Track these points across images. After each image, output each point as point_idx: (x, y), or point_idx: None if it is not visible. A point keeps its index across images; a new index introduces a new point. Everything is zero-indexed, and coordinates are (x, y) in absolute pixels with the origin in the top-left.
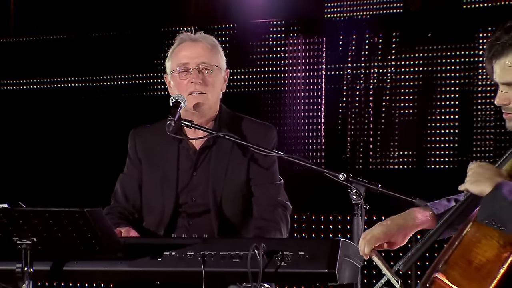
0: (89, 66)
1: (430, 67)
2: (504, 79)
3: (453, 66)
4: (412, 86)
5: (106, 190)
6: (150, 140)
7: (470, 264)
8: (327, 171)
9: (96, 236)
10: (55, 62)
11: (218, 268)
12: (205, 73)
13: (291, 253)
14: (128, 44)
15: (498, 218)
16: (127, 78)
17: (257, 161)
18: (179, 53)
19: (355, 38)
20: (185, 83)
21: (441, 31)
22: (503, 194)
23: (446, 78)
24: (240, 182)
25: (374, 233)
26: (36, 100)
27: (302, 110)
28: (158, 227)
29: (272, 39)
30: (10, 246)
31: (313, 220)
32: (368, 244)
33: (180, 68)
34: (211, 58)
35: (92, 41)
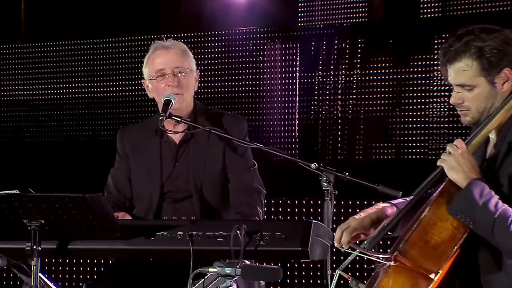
0: (89, 67)
1: (391, 69)
2: (458, 81)
3: (412, 68)
4: (375, 86)
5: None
6: (135, 137)
7: (427, 243)
8: (300, 161)
9: (96, 218)
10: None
11: (204, 246)
12: (179, 76)
13: (269, 233)
14: (124, 50)
15: (469, 216)
16: (124, 79)
17: (231, 149)
18: (155, 60)
19: (325, 44)
20: (163, 87)
21: (401, 38)
22: (473, 195)
23: (406, 79)
24: (218, 169)
25: (351, 224)
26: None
27: (279, 107)
28: (147, 213)
29: (252, 44)
30: (21, 227)
31: (288, 204)
32: (346, 234)
33: (156, 73)
34: (183, 62)
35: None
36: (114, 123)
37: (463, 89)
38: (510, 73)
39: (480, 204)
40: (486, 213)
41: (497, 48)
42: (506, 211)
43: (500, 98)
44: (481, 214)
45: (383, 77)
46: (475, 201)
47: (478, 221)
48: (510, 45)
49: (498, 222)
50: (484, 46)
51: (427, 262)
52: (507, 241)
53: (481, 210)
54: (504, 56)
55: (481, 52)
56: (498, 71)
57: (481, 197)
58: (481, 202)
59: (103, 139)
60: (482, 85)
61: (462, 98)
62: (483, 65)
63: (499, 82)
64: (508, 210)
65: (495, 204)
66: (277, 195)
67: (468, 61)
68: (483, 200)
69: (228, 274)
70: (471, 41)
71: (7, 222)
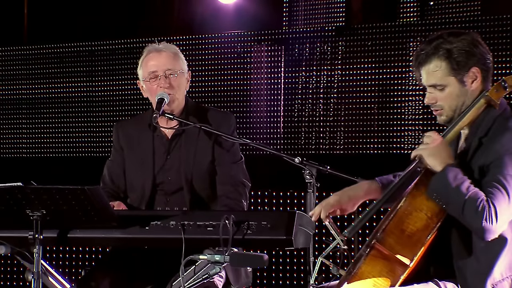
0: (89, 70)
1: (370, 70)
2: (429, 82)
3: (389, 69)
4: (355, 86)
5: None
6: (130, 131)
7: (403, 232)
8: (285, 156)
9: (94, 209)
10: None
11: (195, 235)
12: (171, 77)
13: (256, 223)
14: (121, 53)
15: (443, 197)
16: (121, 79)
17: (220, 144)
18: (148, 62)
19: (308, 46)
20: (155, 88)
21: (379, 41)
22: (448, 178)
23: (383, 79)
24: (207, 162)
25: (329, 201)
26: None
27: (265, 105)
28: (140, 203)
29: (240, 46)
30: (23, 217)
31: (274, 195)
32: (324, 210)
33: (149, 75)
34: (175, 65)
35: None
36: (111, 120)
37: (435, 90)
38: (477, 71)
39: (453, 186)
40: (458, 195)
41: (464, 49)
42: (476, 194)
43: (471, 95)
44: (453, 195)
45: (362, 77)
46: (449, 184)
47: (450, 202)
48: (477, 46)
49: (468, 203)
50: (452, 48)
51: (403, 250)
52: (475, 221)
53: (454, 192)
54: (471, 56)
55: (449, 53)
56: (466, 70)
57: (454, 180)
58: (454, 184)
59: (101, 135)
60: (453, 84)
61: (435, 98)
62: (452, 65)
63: (468, 80)
64: (478, 192)
65: (467, 187)
66: (263, 187)
67: (437, 62)
68: (456, 183)
69: (218, 261)
70: (440, 44)
71: (10, 212)
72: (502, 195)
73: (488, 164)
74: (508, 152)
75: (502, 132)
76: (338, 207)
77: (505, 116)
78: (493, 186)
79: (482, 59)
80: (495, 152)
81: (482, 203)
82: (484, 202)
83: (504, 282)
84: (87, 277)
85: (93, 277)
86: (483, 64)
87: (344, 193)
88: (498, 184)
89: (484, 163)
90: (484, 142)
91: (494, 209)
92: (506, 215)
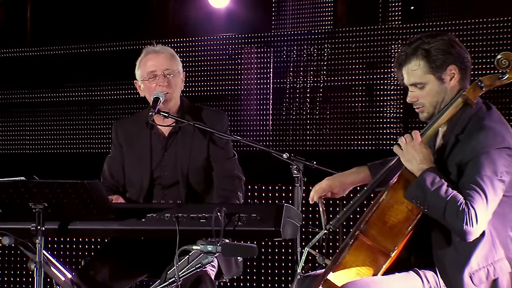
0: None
1: (354, 71)
2: (410, 81)
3: (372, 70)
4: (340, 86)
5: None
6: (128, 128)
7: (385, 224)
8: (274, 152)
9: (94, 202)
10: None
11: (189, 227)
12: (168, 77)
13: (246, 215)
14: (121, 55)
15: (422, 202)
16: (120, 79)
17: (214, 141)
18: (147, 63)
19: (295, 49)
20: (154, 86)
21: (362, 44)
22: (426, 184)
23: (367, 79)
24: (202, 158)
25: (322, 185)
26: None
27: (255, 104)
28: (138, 196)
29: (231, 49)
30: (26, 210)
31: (263, 189)
32: (316, 193)
33: (148, 75)
34: (172, 65)
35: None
36: (110, 118)
37: (416, 88)
38: (455, 69)
39: (432, 191)
40: (438, 199)
41: (441, 48)
42: (455, 197)
43: (450, 92)
44: (433, 200)
45: (346, 77)
46: (427, 189)
47: (431, 206)
48: (453, 46)
49: (448, 207)
50: (429, 48)
51: (385, 240)
52: (457, 224)
53: (433, 196)
54: (448, 54)
55: (428, 53)
56: (444, 68)
57: (432, 185)
58: (433, 189)
59: (100, 132)
60: (432, 82)
61: (417, 96)
62: (430, 64)
63: (446, 78)
64: (457, 196)
65: (445, 191)
66: (253, 181)
67: (417, 62)
68: (435, 187)
69: (210, 251)
70: (418, 45)
71: (14, 205)
72: (480, 197)
73: (466, 162)
74: (484, 151)
75: (478, 131)
76: (329, 191)
77: (480, 115)
78: (471, 188)
79: (459, 57)
80: (472, 150)
81: (461, 206)
82: (464, 205)
83: (481, 272)
84: (87, 266)
85: (92, 266)
86: (460, 63)
87: (336, 178)
88: (475, 185)
89: (461, 160)
90: (461, 139)
91: (474, 212)
92: (484, 216)
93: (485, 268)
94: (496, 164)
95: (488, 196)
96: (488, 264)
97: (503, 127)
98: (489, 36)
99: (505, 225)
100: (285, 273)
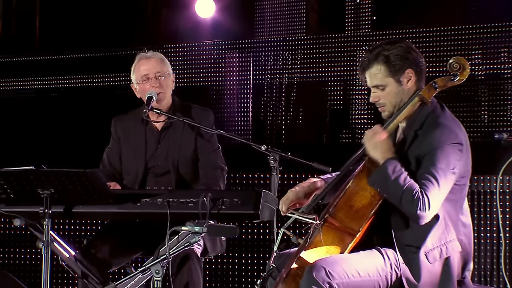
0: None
1: (324, 73)
2: (372, 83)
3: (340, 73)
4: (311, 86)
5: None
6: (126, 123)
7: (351, 208)
8: (253, 144)
9: (94, 188)
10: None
11: (178, 210)
12: (160, 79)
13: (229, 200)
14: (119, 60)
15: (383, 188)
16: (119, 81)
17: (201, 135)
18: (140, 67)
19: (273, 53)
20: (148, 88)
21: (331, 49)
22: (387, 171)
23: (335, 81)
24: (190, 150)
25: (289, 197)
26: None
27: (237, 103)
28: (134, 184)
29: (216, 53)
30: (35, 195)
31: (244, 177)
32: (284, 205)
33: (142, 78)
34: (162, 68)
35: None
36: (109, 115)
37: (378, 89)
38: (411, 72)
39: (392, 178)
40: (397, 186)
41: (399, 54)
42: (411, 185)
43: (407, 93)
44: (392, 187)
45: (318, 79)
46: (388, 176)
47: (390, 192)
48: (410, 52)
49: (405, 194)
50: (389, 54)
51: (351, 223)
52: (412, 209)
53: (392, 184)
54: (405, 60)
55: (387, 58)
56: (402, 72)
57: (393, 173)
58: (393, 177)
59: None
60: (391, 84)
61: (378, 97)
62: (389, 68)
63: (404, 80)
64: (413, 184)
65: (404, 179)
66: (235, 170)
67: (378, 66)
68: (395, 175)
69: (197, 232)
70: (379, 52)
71: (24, 191)
72: (433, 186)
73: (423, 155)
74: (439, 146)
75: (434, 128)
76: (296, 201)
77: (436, 113)
78: (426, 178)
79: (415, 62)
80: (428, 145)
81: (417, 194)
82: (419, 193)
83: (435, 251)
84: (88, 245)
85: (94, 245)
86: (416, 66)
87: (300, 189)
88: (431, 176)
89: (419, 154)
90: (419, 135)
91: (427, 199)
92: (437, 203)
93: (438, 247)
94: (449, 157)
95: (440, 186)
96: (441, 244)
97: (456, 124)
98: (442, 43)
99: (456, 210)
100: (263, 251)
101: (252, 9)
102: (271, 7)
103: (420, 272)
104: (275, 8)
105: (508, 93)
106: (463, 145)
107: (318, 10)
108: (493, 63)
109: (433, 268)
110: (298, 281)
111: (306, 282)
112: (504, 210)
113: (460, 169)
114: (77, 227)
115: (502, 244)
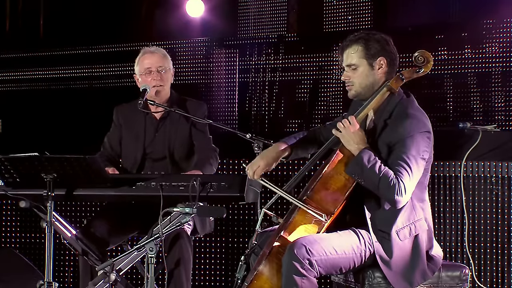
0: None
1: (304, 68)
2: (347, 62)
3: (317, 68)
4: (292, 80)
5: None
6: (127, 112)
7: (327, 191)
8: (239, 133)
9: (93, 173)
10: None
11: (170, 193)
12: (161, 73)
13: (217, 183)
14: (117, 56)
15: (360, 176)
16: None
17: (195, 125)
18: (144, 61)
19: (256, 50)
20: (149, 80)
21: (309, 46)
22: (363, 161)
23: (313, 75)
24: (185, 138)
25: (261, 165)
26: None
27: (224, 95)
28: (132, 167)
29: (205, 50)
30: (39, 179)
31: (230, 163)
32: (256, 174)
33: (145, 71)
34: (164, 63)
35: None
36: (109, 105)
37: (350, 69)
38: (384, 61)
39: (368, 167)
40: (373, 174)
41: (378, 41)
42: (387, 173)
43: (377, 81)
44: (369, 175)
45: (298, 73)
46: (364, 165)
47: (367, 179)
48: (388, 44)
49: (382, 181)
50: (369, 38)
51: (327, 204)
52: (389, 195)
53: (369, 172)
54: (381, 48)
55: (366, 42)
56: (376, 57)
57: (368, 162)
58: (369, 166)
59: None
60: (363, 66)
61: (349, 76)
62: (366, 50)
63: (376, 66)
64: (388, 171)
65: (379, 167)
66: (222, 156)
67: (356, 47)
68: (370, 164)
69: (188, 213)
70: (361, 36)
71: (29, 175)
72: (407, 172)
73: (394, 143)
74: (409, 135)
75: (403, 119)
76: (265, 168)
77: (404, 104)
78: (399, 165)
79: (390, 54)
80: (399, 134)
81: (392, 180)
82: (394, 179)
83: (405, 229)
84: (88, 225)
85: (93, 224)
86: (389, 58)
87: (268, 155)
88: (403, 162)
89: (390, 142)
90: (389, 123)
91: (403, 184)
92: (411, 187)
93: (408, 226)
94: (419, 145)
95: (413, 171)
96: (410, 223)
97: (422, 114)
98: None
99: (422, 191)
100: (247, 230)
101: (236, 9)
102: (255, 7)
103: (392, 249)
104: (258, 8)
105: (471, 86)
106: (431, 133)
107: (298, 9)
108: (458, 59)
109: (404, 245)
110: (280, 258)
111: (288, 258)
112: (467, 193)
113: (428, 155)
114: (77, 209)
115: (466, 224)
